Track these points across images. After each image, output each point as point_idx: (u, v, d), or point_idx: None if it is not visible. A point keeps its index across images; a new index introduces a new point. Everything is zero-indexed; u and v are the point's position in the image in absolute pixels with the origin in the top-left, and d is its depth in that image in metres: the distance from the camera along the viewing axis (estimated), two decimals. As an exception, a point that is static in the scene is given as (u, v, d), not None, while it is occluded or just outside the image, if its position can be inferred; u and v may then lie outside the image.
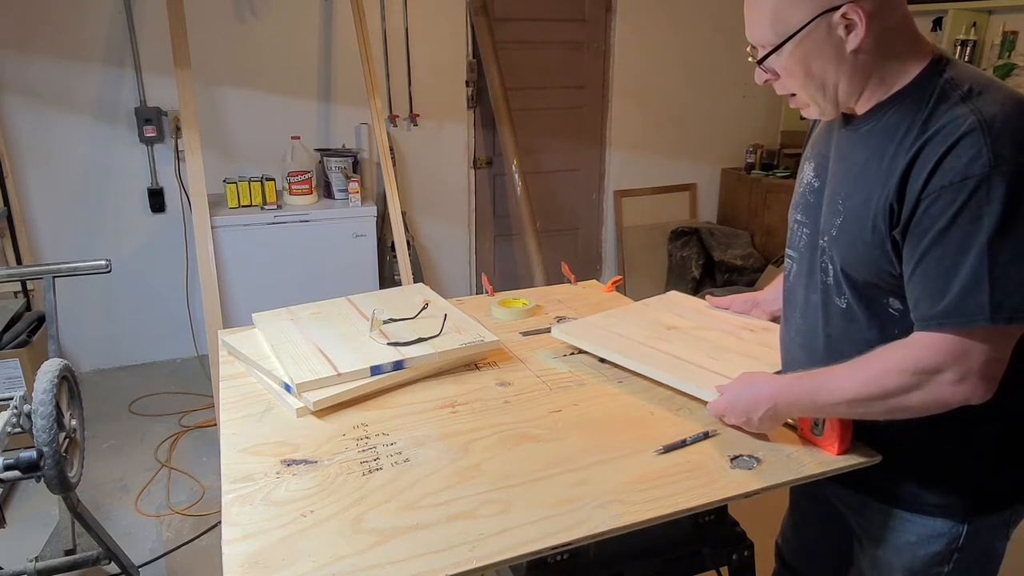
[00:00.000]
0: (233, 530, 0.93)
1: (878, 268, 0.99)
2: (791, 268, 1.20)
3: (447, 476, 1.04)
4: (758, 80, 1.08)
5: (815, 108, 1.05)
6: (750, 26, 1.03)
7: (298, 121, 3.58)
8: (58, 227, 3.39)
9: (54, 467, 1.55)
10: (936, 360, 0.92)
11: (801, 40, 0.97)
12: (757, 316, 1.55)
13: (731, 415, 1.15)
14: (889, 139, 0.98)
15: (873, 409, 0.99)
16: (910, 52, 0.99)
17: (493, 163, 4.11)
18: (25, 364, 2.74)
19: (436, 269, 4.13)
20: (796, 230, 1.18)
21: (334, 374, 1.25)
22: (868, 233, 0.99)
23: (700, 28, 4.21)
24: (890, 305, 1.02)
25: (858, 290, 1.04)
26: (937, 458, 1.06)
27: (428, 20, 3.71)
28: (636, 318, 1.57)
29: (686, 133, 4.42)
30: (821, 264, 1.09)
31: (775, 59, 1.01)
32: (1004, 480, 1.08)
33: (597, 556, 1.09)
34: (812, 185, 1.14)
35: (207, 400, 3.26)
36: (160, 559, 2.28)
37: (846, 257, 1.03)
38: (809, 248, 1.13)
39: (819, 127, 1.20)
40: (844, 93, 1.01)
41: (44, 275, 2.00)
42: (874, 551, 1.18)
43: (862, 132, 1.03)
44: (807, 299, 1.14)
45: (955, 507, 1.07)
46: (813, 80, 1.01)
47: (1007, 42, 3.47)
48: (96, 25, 3.22)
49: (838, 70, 0.99)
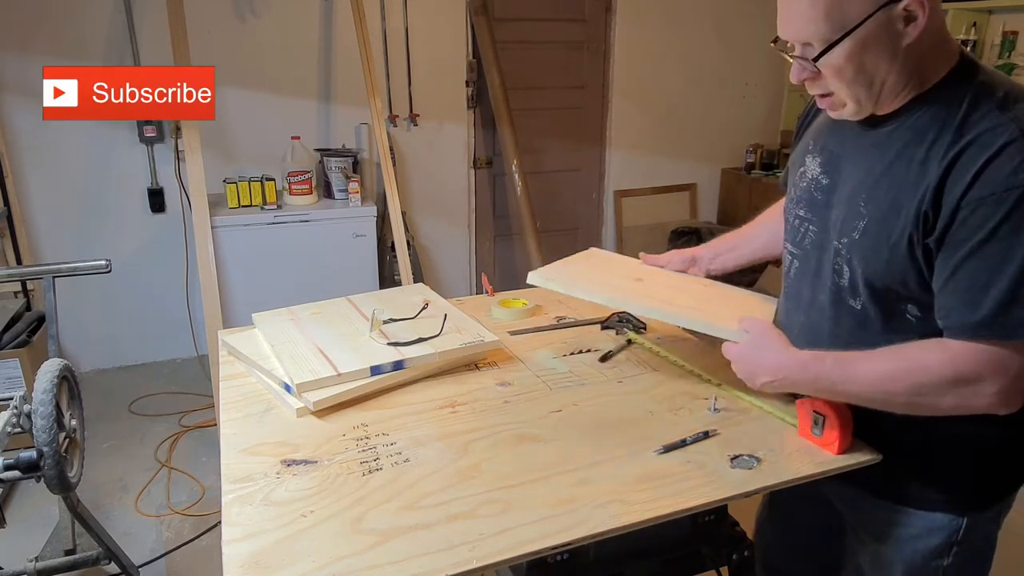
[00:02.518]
0: (233, 530, 0.93)
1: (903, 273, 0.97)
2: (791, 264, 1.18)
3: (447, 476, 1.04)
4: (796, 79, 1.01)
5: (852, 107, 1.00)
6: (793, 19, 0.95)
7: (298, 121, 3.58)
8: (58, 227, 3.39)
9: (54, 467, 1.55)
10: (977, 370, 0.92)
11: (859, 35, 0.91)
12: (694, 273, 1.48)
13: (737, 365, 1.14)
14: (918, 141, 0.95)
15: (896, 400, 0.98)
16: (944, 49, 0.97)
17: (493, 163, 4.11)
18: (25, 364, 2.74)
19: (436, 269, 4.13)
20: (798, 226, 1.15)
21: (334, 374, 1.25)
22: (896, 239, 0.96)
23: (700, 28, 4.21)
24: (908, 311, 1.01)
25: (877, 294, 1.02)
26: (939, 455, 1.07)
27: (428, 20, 3.71)
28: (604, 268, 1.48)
29: (686, 133, 4.42)
30: (835, 265, 1.06)
31: (827, 56, 0.94)
32: (1001, 475, 1.11)
33: (597, 556, 1.09)
34: (820, 182, 1.10)
35: (207, 400, 3.26)
36: (160, 559, 2.28)
37: (869, 261, 1.00)
38: (817, 247, 1.10)
39: (821, 118, 1.15)
40: (889, 90, 0.97)
41: (44, 275, 2.00)
42: (874, 546, 1.18)
43: (885, 131, 1.00)
44: (814, 298, 1.12)
45: (955, 502, 1.08)
46: (863, 76, 0.95)
47: (1007, 42, 3.47)
48: (96, 25, 3.22)
49: (891, 66, 0.94)
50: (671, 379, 1.35)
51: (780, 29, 0.98)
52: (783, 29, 0.98)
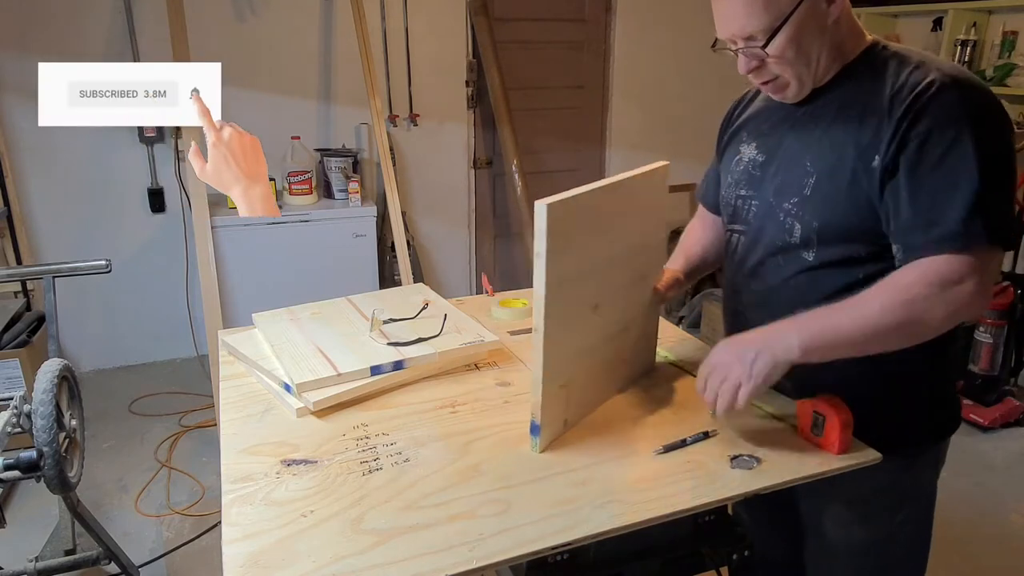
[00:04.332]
0: (233, 530, 0.93)
1: (858, 213, 1.08)
2: (738, 241, 1.26)
3: (447, 476, 1.04)
4: (744, 70, 1.12)
5: (795, 86, 1.12)
6: (733, 17, 1.07)
7: (298, 121, 3.58)
8: (58, 227, 3.39)
9: (54, 467, 1.55)
10: (957, 271, 1.00)
11: (796, 19, 1.04)
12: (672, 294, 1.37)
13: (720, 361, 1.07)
14: (852, 101, 1.09)
15: (892, 336, 1.03)
16: (857, 29, 1.13)
17: (493, 163, 4.11)
18: (25, 364, 2.74)
19: (436, 269, 4.13)
20: (741, 206, 1.25)
21: (334, 374, 1.25)
22: (846, 183, 1.07)
23: (700, 28, 4.18)
24: (858, 250, 1.11)
25: (829, 242, 1.11)
26: (878, 406, 1.11)
27: (428, 20, 3.71)
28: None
29: (686, 133, 4.41)
30: (785, 225, 1.15)
31: (773, 42, 1.05)
32: (933, 419, 1.22)
33: (597, 556, 1.09)
34: (756, 160, 1.23)
35: (207, 400, 3.26)
36: (160, 559, 2.28)
37: (822, 211, 1.11)
38: (761, 217, 1.21)
39: (750, 112, 1.30)
40: (824, 66, 1.10)
41: (44, 275, 2.00)
42: (834, 506, 1.26)
43: (818, 104, 1.14)
44: (761, 262, 1.21)
45: (897, 447, 1.12)
46: (803, 56, 1.08)
47: (1007, 42, 3.47)
48: (96, 25, 3.22)
49: (822, 42, 1.08)
50: (671, 379, 1.35)
51: (721, 30, 1.10)
52: (724, 29, 1.10)
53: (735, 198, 1.27)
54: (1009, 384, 3.22)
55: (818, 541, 1.32)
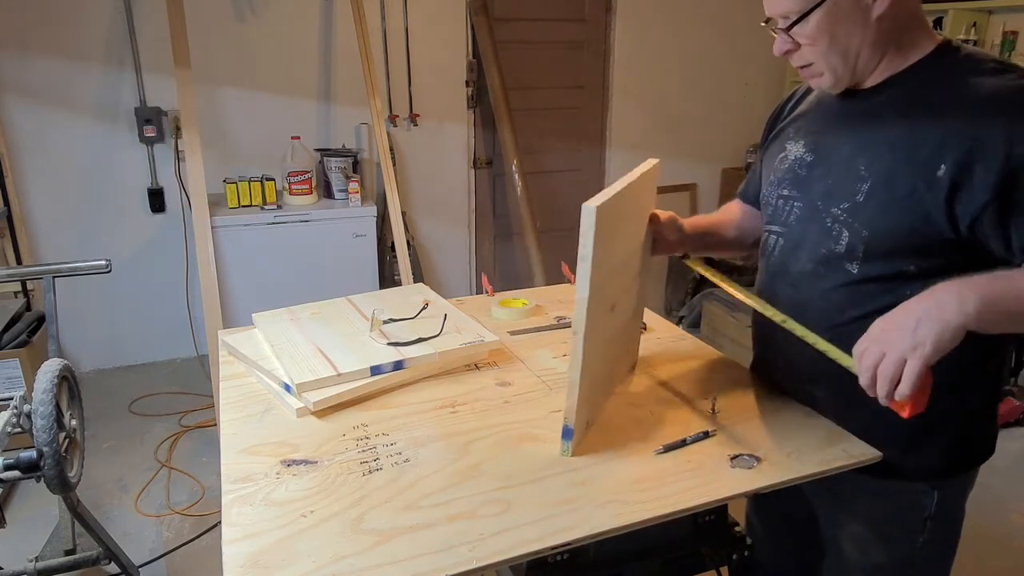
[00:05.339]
0: (233, 530, 0.93)
1: (913, 225, 1.00)
2: (776, 243, 1.21)
3: (447, 476, 1.04)
4: (778, 51, 1.09)
5: (830, 77, 1.07)
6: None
7: (298, 121, 3.58)
8: (58, 227, 3.39)
9: (54, 467, 1.55)
10: None
11: (829, 6, 1.00)
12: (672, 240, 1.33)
13: (878, 338, 0.92)
14: (917, 103, 1.02)
15: None
16: (923, 30, 1.06)
17: (493, 163, 4.11)
18: (25, 364, 2.74)
19: (436, 269, 4.13)
20: (782, 206, 1.19)
21: (334, 374, 1.25)
22: (905, 192, 1.00)
23: (700, 28, 4.21)
24: (908, 267, 1.04)
25: (878, 254, 1.05)
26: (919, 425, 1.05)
27: (428, 20, 3.71)
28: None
29: (686, 133, 4.42)
30: (832, 232, 1.09)
31: (801, 27, 1.03)
32: (971, 444, 1.17)
33: (597, 556, 1.09)
34: (804, 160, 1.16)
35: (207, 400, 3.26)
36: (160, 559, 2.28)
37: (875, 220, 1.04)
38: (803, 221, 1.15)
39: (801, 108, 1.24)
40: (864, 61, 1.05)
41: (44, 275, 2.00)
42: (853, 528, 1.21)
43: (877, 102, 1.07)
44: (801, 270, 1.15)
45: (927, 473, 1.11)
46: (837, 47, 1.03)
47: (1007, 42, 3.47)
48: (96, 25, 3.22)
49: (863, 37, 1.02)
50: (671, 379, 1.35)
51: (766, 8, 1.08)
52: (767, 7, 1.07)
53: (776, 198, 1.21)
54: (1009, 384, 3.23)
55: (835, 560, 1.28)
